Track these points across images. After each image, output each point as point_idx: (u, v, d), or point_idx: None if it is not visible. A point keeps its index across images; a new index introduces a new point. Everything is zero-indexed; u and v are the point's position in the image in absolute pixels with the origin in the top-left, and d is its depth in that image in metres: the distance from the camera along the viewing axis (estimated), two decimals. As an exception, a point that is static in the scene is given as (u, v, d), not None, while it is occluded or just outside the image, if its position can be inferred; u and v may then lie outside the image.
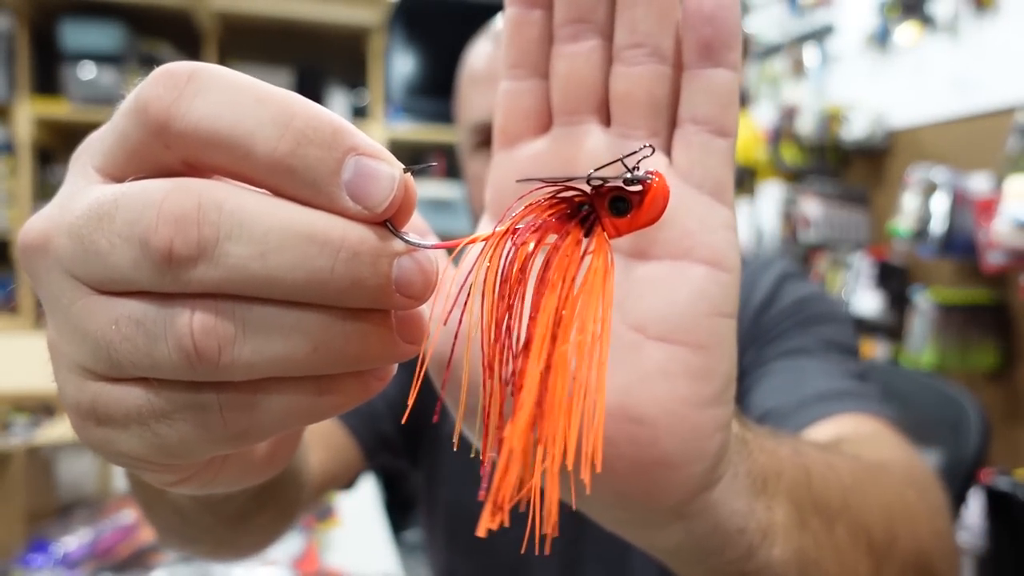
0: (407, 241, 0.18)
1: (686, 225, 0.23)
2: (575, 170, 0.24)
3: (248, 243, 0.16)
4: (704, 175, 0.23)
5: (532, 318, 0.18)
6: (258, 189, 0.17)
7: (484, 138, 0.61)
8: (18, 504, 1.32)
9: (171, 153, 0.17)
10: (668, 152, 0.24)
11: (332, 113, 0.17)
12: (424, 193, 2.61)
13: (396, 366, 0.20)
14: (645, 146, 0.20)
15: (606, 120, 0.24)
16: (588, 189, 0.19)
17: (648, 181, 0.19)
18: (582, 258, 0.19)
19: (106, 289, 0.17)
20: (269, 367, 0.17)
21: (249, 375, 0.17)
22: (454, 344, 0.22)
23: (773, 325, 0.59)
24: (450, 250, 0.19)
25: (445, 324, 0.22)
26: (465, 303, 0.19)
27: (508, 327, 0.18)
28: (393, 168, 0.17)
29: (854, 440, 0.44)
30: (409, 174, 0.18)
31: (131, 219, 0.16)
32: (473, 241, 0.19)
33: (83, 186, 0.18)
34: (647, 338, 0.22)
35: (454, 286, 0.21)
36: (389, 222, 0.18)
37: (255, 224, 0.16)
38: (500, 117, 0.25)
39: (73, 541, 1.23)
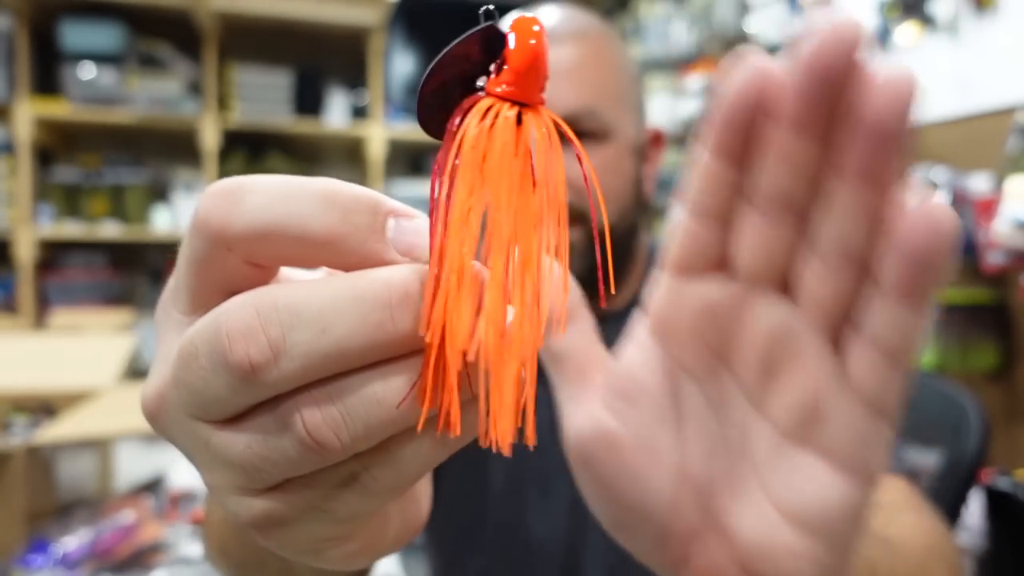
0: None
1: (847, 435, 0.22)
2: (744, 332, 0.23)
3: (309, 326, 0.17)
4: (874, 395, 0.22)
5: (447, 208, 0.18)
6: (306, 277, 0.19)
7: None
8: (18, 504, 1.32)
9: (234, 255, 0.18)
10: (834, 341, 0.22)
11: (366, 188, 0.19)
12: (423, 194, 2.61)
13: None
14: None
15: (783, 286, 0.23)
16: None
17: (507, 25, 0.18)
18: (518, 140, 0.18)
19: (225, 418, 0.18)
20: (387, 429, 0.18)
21: (372, 441, 0.18)
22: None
23: None
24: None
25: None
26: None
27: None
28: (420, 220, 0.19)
29: (888, 509, 0.47)
30: None
31: (207, 351, 0.17)
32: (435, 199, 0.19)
33: (174, 336, 0.20)
34: (783, 515, 0.22)
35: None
36: None
37: (309, 308, 0.17)
38: (677, 249, 0.24)
39: (73, 541, 1.23)
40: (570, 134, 0.19)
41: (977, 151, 1.41)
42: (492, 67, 0.19)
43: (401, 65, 2.75)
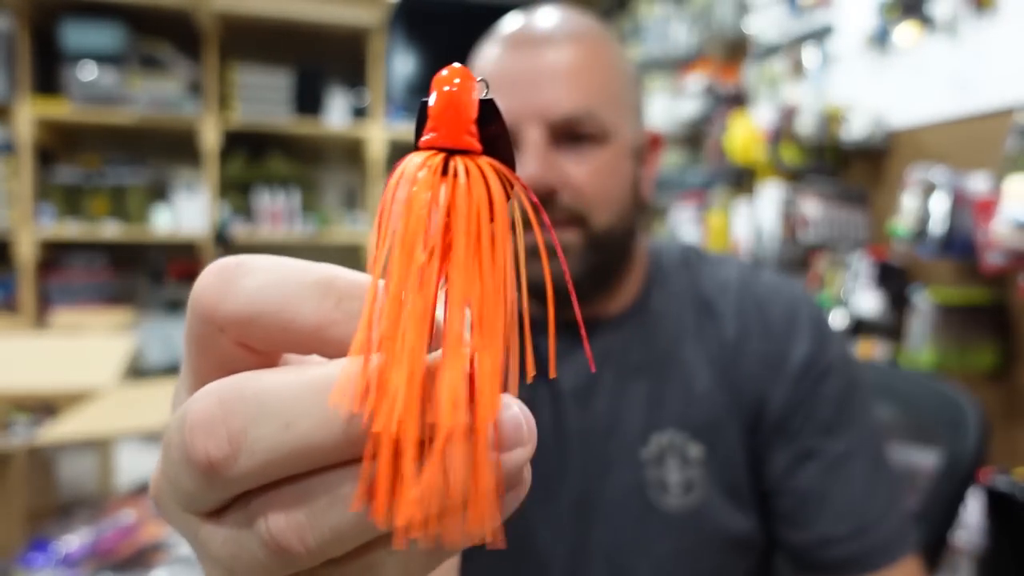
0: None
1: None
2: None
3: (272, 419, 0.16)
4: None
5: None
6: (289, 366, 0.17)
7: None
8: (19, 503, 1.32)
9: (226, 337, 0.18)
10: None
11: (359, 273, 0.18)
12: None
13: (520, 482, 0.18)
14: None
15: None
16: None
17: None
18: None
19: (206, 511, 0.17)
20: (358, 535, 0.17)
21: (345, 548, 0.17)
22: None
23: (823, 406, 0.62)
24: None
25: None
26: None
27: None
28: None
29: None
30: None
31: (177, 443, 0.17)
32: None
33: None
34: None
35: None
36: None
37: (274, 399, 0.16)
38: None
39: (73, 540, 1.23)
40: (510, 173, 0.18)
41: (976, 151, 1.41)
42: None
43: (402, 65, 2.75)
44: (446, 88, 0.17)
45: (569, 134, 0.59)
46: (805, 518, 0.61)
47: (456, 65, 0.18)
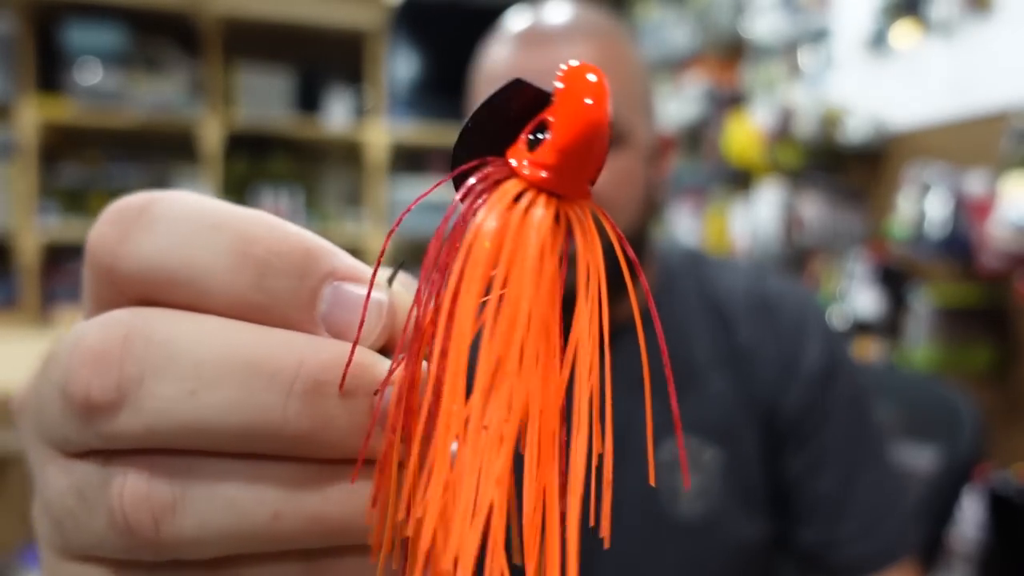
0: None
1: None
2: None
3: (176, 380, 0.13)
4: None
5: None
6: (231, 321, 0.14)
7: None
8: (20, 503, 1.33)
9: (125, 299, 0.14)
10: None
11: (304, 232, 0.14)
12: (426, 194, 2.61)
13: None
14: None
15: None
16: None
17: (556, 87, 0.13)
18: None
19: (61, 449, 0.14)
20: (223, 543, 0.14)
21: (202, 553, 0.14)
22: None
23: (834, 412, 0.62)
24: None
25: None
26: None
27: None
28: (379, 292, 0.15)
29: None
30: (400, 286, 0.15)
31: (60, 364, 0.14)
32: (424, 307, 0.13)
33: None
34: None
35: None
36: None
37: (186, 354, 0.13)
38: None
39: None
40: (613, 229, 0.14)
41: (973, 153, 1.42)
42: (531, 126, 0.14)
43: (403, 66, 2.76)
44: (587, 102, 0.12)
45: None
46: (815, 520, 0.61)
47: (593, 75, 0.13)
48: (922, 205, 1.40)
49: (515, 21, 0.61)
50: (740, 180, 2.10)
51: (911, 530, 0.63)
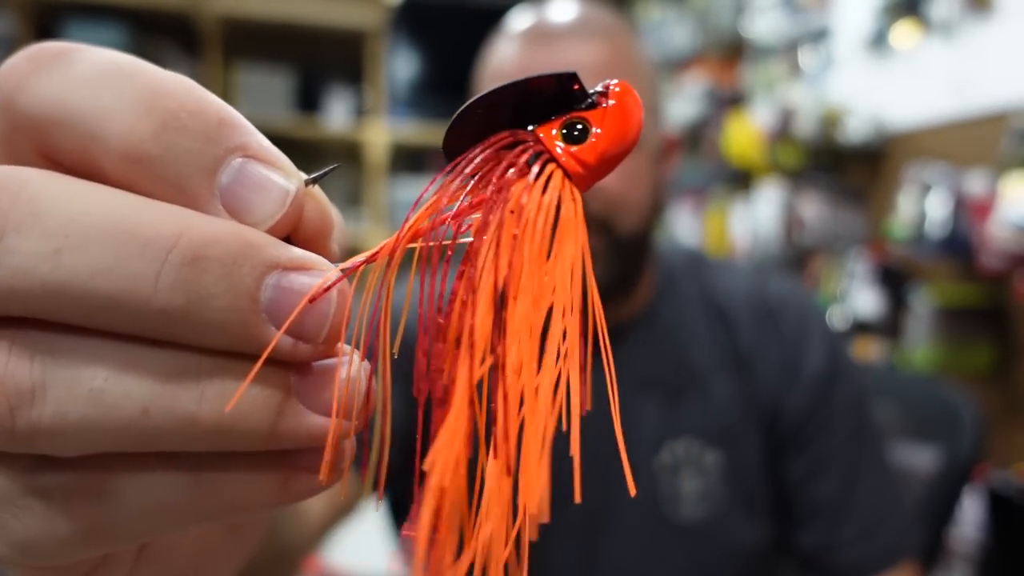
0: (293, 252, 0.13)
1: None
2: None
3: (40, 237, 0.12)
4: None
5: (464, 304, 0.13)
6: (111, 188, 0.13)
7: None
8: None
9: (22, 138, 0.14)
10: None
11: (223, 104, 0.14)
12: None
13: (350, 450, 0.14)
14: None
15: None
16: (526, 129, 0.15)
17: (607, 91, 0.15)
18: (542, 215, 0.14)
19: None
20: (87, 438, 0.12)
21: (64, 448, 0.13)
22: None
23: (836, 415, 0.63)
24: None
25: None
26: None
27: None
28: (288, 180, 0.14)
29: None
30: (316, 188, 0.15)
31: None
32: (383, 254, 0.14)
33: None
34: None
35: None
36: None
37: (55, 213, 0.12)
38: None
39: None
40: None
41: (974, 152, 1.42)
42: (556, 116, 0.15)
43: (403, 66, 2.76)
44: (634, 118, 0.14)
45: None
46: (817, 523, 0.61)
47: (637, 98, 0.15)
48: (922, 205, 1.40)
49: (522, 19, 0.61)
50: (740, 180, 2.10)
51: (912, 532, 0.63)
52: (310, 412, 0.13)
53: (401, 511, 0.68)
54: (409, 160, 2.86)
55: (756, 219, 1.92)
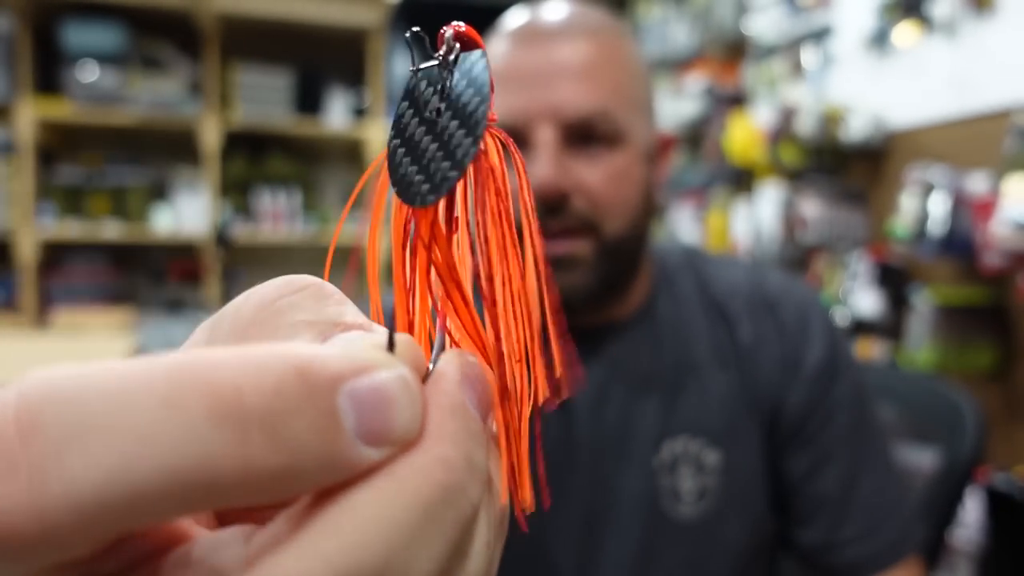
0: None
1: None
2: None
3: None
4: None
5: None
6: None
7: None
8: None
9: (76, 551, 0.11)
10: None
11: (274, 350, 0.11)
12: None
13: None
14: None
15: None
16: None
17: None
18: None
19: None
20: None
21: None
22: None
23: (838, 410, 0.62)
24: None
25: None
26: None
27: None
28: (394, 368, 0.12)
29: None
30: (401, 339, 0.13)
31: None
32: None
33: None
34: None
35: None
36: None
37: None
38: None
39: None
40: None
41: (975, 152, 1.41)
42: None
43: (402, 65, 2.75)
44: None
45: (583, 135, 0.56)
46: (818, 520, 0.61)
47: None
48: (924, 204, 1.39)
49: (515, 19, 0.61)
50: (741, 180, 2.10)
51: (914, 529, 0.62)
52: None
53: None
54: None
55: (757, 219, 1.91)
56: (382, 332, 0.14)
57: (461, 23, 0.16)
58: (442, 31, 0.16)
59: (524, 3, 0.65)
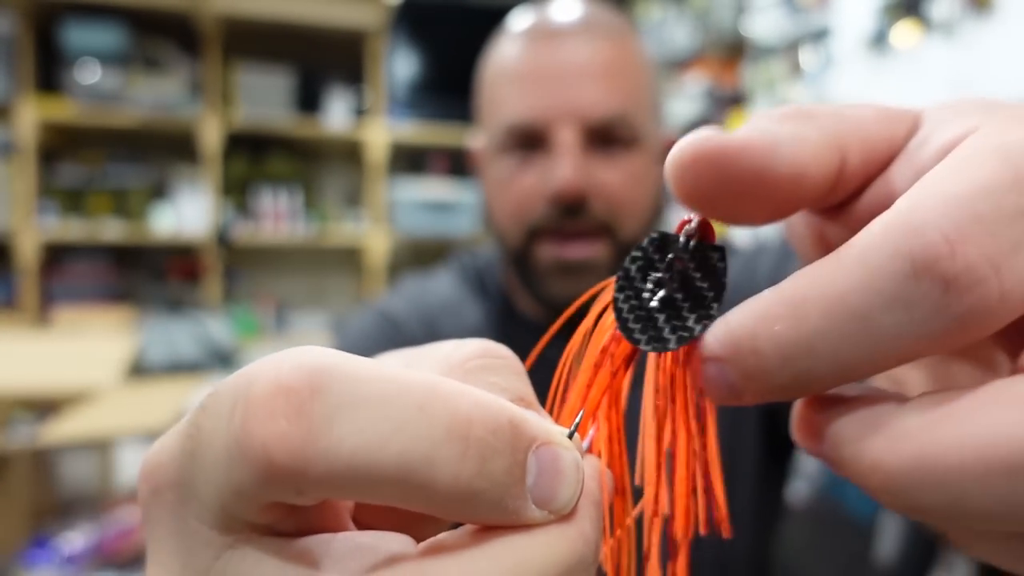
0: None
1: None
2: None
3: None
4: None
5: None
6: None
7: (518, 140, 0.57)
8: (20, 502, 1.33)
9: (305, 498, 0.13)
10: None
11: (502, 401, 0.14)
12: (424, 195, 2.62)
13: None
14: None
15: None
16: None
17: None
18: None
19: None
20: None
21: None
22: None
23: None
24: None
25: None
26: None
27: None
28: (572, 450, 0.14)
29: None
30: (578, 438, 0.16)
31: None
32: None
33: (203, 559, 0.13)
34: None
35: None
36: None
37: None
38: None
39: (75, 538, 1.24)
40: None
41: (974, 152, 1.41)
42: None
43: (402, 66, 2.75)
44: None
45: (603, 138, 0.56)
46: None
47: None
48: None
49: (524, 18, 0.60)
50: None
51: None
52: None
53: None
54: (409, 160, 2.86)
55: (756, 219, 1.91)
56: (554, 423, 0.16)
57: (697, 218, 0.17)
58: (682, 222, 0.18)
59: (523, 3, 0.65)
